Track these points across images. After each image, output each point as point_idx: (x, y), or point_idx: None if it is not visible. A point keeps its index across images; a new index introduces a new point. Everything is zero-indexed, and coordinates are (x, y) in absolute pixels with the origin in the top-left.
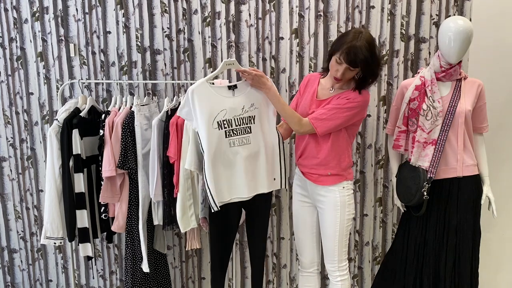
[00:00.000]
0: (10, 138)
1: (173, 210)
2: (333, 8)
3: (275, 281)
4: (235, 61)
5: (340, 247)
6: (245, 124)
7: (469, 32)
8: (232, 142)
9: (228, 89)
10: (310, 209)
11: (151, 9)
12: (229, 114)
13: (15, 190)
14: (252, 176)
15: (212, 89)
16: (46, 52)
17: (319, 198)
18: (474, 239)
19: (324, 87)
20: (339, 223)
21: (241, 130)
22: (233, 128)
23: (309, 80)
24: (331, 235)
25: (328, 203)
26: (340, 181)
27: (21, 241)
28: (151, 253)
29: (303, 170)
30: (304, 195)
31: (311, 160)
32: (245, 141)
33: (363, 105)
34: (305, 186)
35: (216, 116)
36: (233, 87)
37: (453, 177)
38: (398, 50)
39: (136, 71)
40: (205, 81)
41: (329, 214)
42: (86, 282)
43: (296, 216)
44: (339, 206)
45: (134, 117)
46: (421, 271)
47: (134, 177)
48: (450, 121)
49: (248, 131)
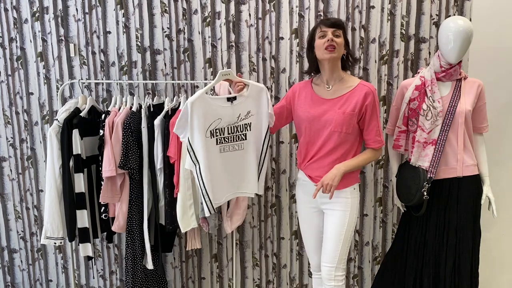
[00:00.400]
0: (10, 138)
1: (174, 211)
2: (333, 8)
3: (275, 281)
4: (231, 71)
5: (341, 253)
6: (240, 131)
7: (469, 32)
8: (222, 148)
9: (227, 100)
10: (317, 214)
11: (151, 9)
12: (223, 123)
13: (15, 190)
14: (238, 179)
15: (211, 100)
16: (46, 52)
17: (329, 201)
18: (474, 239)
19: (319, 88)
20: (347, 226)
21: (234, 138)
22: (224, 136)
23: (300, 87)
24: (336, 238)
25: (340, 204)
26: (351, 184)
27: (21, 241)
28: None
29: (311, 175)
30: (309, 200)
31: (321, 164)
32: (237, 147)
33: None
34: (312, 191)
35: (209, 126)
36: (232, 98)
37: (453, 177)
38: (398, 50)
39: (136, 71)
40: (204, 92)
41: (338, 217)
42: (86, 282)
43: (304, 221)
44: (349, 209)
45: (134, 117)
46: (421, 271)
47: (135, 177)
48: (450, 121)
49: (243, 138)
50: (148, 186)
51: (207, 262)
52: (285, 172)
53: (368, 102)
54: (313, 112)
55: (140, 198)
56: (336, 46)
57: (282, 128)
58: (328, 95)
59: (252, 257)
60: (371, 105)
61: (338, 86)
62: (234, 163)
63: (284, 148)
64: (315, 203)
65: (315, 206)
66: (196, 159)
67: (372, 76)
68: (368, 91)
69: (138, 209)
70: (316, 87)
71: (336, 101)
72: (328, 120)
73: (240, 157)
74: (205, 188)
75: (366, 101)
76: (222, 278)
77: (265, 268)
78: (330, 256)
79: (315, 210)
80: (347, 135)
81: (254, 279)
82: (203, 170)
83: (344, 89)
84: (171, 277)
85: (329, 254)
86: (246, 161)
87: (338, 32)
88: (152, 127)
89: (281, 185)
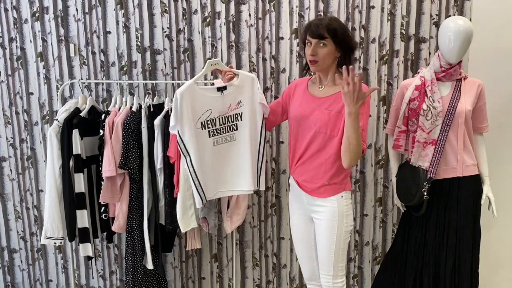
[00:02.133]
0: (10, 138)
1: (174, 211)
2: (333, 8)
3: (275, 281)
4: (219, 61)
5: (336, 261)
6: (231, 122)
7: (469, 32)
8: (216, 141)
9: (217, 90)
10: (306, 222)
11: (151, 9)
12: (214, 114)
13: (15, 190)
14: (232, 173)
15: (200, 90)
16: (46, 52)
17: (316, 209)
18: (474, 239)
19: (313, 86)
20: (336, 235)
21: (225, 129)
22: (217, 128)
23: (297, 84)
24: (327, 248)
25: (326, 213)
26: (338, 192)
27: (21, 241)
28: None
29: (298, 180)
30: (299, 207)
31: (306, 168)
32: (229, 138)
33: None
34: (301, 197)
35: (200, 116)
36: (222, 88)
37: (453, 177)
38: (398, 50)
39: (136, 71)
40: (193, 82)
41: (326, 225)
42: (86, 282)
43: (293, 229)
44: (337, 217)
45: (134, 117)
46: (421, 271)
47: (135, 177)
48: (450, 121)
49: (234, 129)
50: (148, 186)
51: (207, 262)
52: (285, 172)
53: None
54: (301, 110)
55: (140, 198)
56: (318, 60)
57: (282, 128)
58: (320, 94)
59: (252, 257)
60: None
61: (331, 85)
62: (228, 156)
63: (284, 148)
64: (305, 210)
65: (305, 213)
66: (186, 151)
67: (372, 76)
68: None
69: (138, 209)
70: (311, 85)
71: (325, 100)
72: (314, 120)
73: (234, 150)
74: (197, 178)
75: None
76: (222, 278)
77: (265, 268)
78: (325, 265)
79: (305, 218)
80: (332, 138)
81: (254, 279)
82: (194, 161)
83: (336, 89)
84: (171, 277)
85: (323, 263)
86: (240, 154)
87: (323, 42)
88: (152, 127)
89: (281, 185)
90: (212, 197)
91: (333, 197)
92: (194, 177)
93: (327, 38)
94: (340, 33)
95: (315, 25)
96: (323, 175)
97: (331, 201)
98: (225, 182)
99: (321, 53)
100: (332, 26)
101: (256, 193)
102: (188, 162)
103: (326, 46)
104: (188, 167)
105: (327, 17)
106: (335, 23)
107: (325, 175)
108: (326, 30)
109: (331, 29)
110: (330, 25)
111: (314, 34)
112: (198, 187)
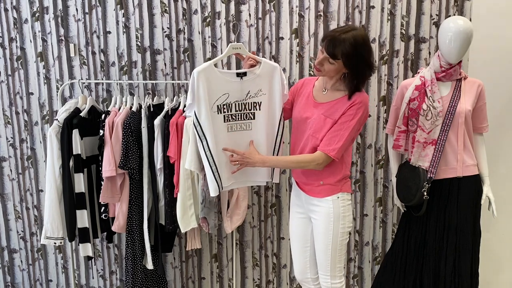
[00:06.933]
0: (10, 138)
1: (174, 211)
2: (333, 8)
3: (275, 281)
4: (242, 45)
5: (333, 262)
6: (248, 110)
7: (469, 32)
8: (230, 127)
9: (237, 75)
10: (303, 221)
11: (151, 9)
12: (231, 98)
13: (15, 190)
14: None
15: (219, 72)
16: (46, 52)
17: (313, 209)
18: (474, 239)
19: (318, 89)
20: (332, 236)
21: (241, 116)
22: (232, 113)
23: (304, 83)
24: (323, 249)
25: (321, 213)
26: (334, 193)
27: (21, 241)
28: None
29: (297, 179)
30: (298, 205)
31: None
32: (245, 127)
33: (364, 107)
34: (300, 196)
35: (217, 99)
36: (242, 74)
37: (453, 177)
38: (398, 50)
39: (136, 71)
40: (212, 64)
41: (322, 226)
42: (86, 282)
43: (292, 228)
44: (332, 218)
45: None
46: (421, 271)
47: (135, 177)
48: (450, 121)
49: (251, 117)
50: (148, 186)
51: (207, 262)
52: (285, 172)
53: (348, 110)
54: (302, 113)
55: (140, 198)
56: (322, 71)
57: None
58: (321, 99)
59: (252, 257)
60: (350, 114)
61: (334, 90)
62: (243, 145)
63: (285, 148)
64: (304, 209)
65: (304, 212)
66: (203, 133)
67: (372, 76)
68: (355, 101)
69: (138, 209)
70: (316, 88)
71: (324, 105)
72: (310, 123)
73: (249, 139)
74: (214, 162)
75: (347, 109)
76: (222, 278)
77: (265, 268)
78: (323, 266)
79: (304, 216)
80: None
81: (254, 279)
82: (211, 144)
83: (338, 95)
84: (171, 277)
85: (321, 264)
86: (255, 144)
87: (332, 61)
88: (152, 127)
89: (281, 185)
90: (227, 187)
91: (328, 197)
92: (211, 161)
93: (338, 60)
94: (353, 61)
95: (334, 44)
96: (317, 178)
97: (326, 202)
98: (240, 173)
99: (327, 68)
100: (349, 51)
101: (256, 193)
102: (205, 145)
103: (334, 65)
104: (204, 150)
105: (353, 34)
106: (356, 47)
107: (318, 177)
108: (341, 53)
109: (345, 53)
110: (347, 49)
111: (328, 50)
112: (215, 172)
